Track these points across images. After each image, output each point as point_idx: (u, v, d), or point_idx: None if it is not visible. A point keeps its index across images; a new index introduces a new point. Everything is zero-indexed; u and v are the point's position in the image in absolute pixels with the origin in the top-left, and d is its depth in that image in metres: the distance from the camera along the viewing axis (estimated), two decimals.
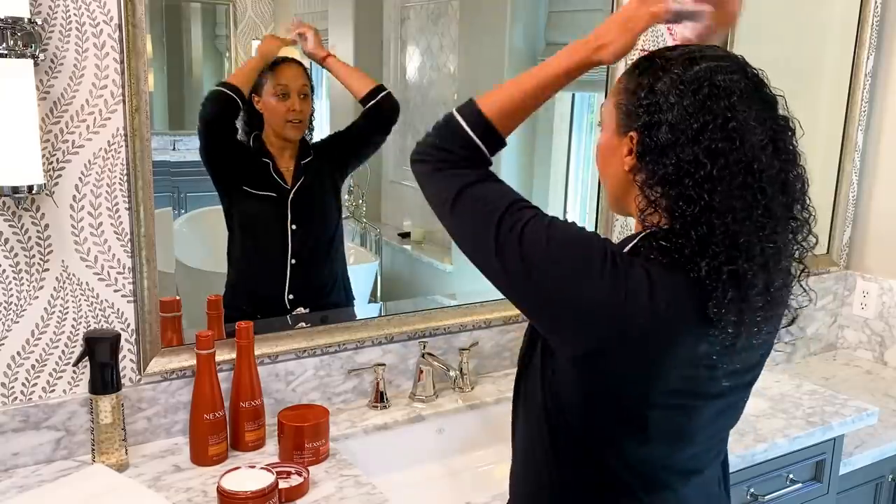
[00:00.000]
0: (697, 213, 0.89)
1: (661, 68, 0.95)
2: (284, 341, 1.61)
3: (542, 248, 0.93)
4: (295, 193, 1.70)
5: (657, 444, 0.98)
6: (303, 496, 1.33)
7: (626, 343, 0.91)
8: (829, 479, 1.83)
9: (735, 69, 0.93)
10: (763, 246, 0.90)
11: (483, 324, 1.87)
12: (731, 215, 0.88)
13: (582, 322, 0.92)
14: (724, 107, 0.90)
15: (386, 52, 1.96)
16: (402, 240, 2.09)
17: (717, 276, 0.89)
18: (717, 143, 0.89)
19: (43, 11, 1.28)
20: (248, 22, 1.67)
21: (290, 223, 1.70)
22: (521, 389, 1.08)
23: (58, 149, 1.34)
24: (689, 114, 0.90)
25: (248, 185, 1.68)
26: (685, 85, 0.92)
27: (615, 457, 0.99)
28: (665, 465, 1.01)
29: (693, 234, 0.89)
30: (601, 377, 0.95)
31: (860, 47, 2.39)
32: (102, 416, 1.36)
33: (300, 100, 1.67)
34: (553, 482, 1.03)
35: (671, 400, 0.96)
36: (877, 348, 2.49)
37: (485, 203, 0.99)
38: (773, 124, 0.93)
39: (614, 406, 0.96)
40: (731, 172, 0.88)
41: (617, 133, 1.00)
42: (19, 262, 1.34)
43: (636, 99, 0.96)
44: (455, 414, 1.72)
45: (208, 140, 1.60)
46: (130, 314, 1.45)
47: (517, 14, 2.07)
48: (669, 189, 0.91)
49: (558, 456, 1.01)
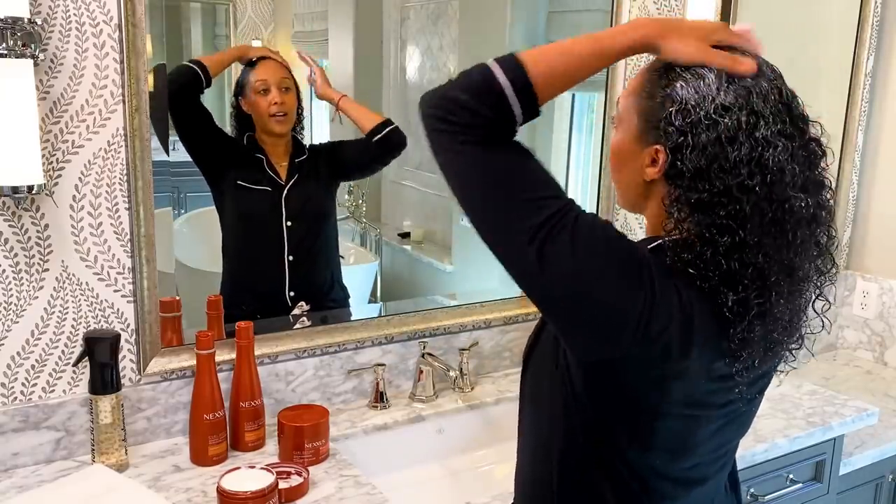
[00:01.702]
0: (729, 245, 0.87)
1: (692, 84, 0.90)
2: (284, 341, 1.61)
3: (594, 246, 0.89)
4: (289, 190, 1.70)
5: (659, 453, 0.98)
6: (303, 496, 1.33)
7: (647, 355, 0.89)
8: (829, 479, 1.83)
9: (770, 89, 0.90)
10: (791, 284, 0.90)
11: (483, 324, 1.87)
12: (762, 252, 0.87)
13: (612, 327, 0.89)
14: (760, 138, 0.87)
15: (386, 52, 1.95)
16: (402, 240, 2.09)
17: (743, 311, 0.88)
18: (752, 179, 0.86)
19: (43, 11, 1.28)
20: (248, 22, 1.67)
21: (285, 219, 1.70)
22: (530, 388, 1.07)
23: (58, 149, 1.34)
24: (724, 142, 0.87)
25: (242, 179, 1.68)
26: (723, 111, 0.87)
27: (620, 462, 0.98)
28: (664, 475, 1.00)
29: (723, 264, 0.87)
30: (614, 383, 0.93)
31: (860, 47, 2.39)
32: (102, 417, 1.36)
33: (281, 93, 1.66)
34: (562, 483, 1.02)
35: (679, 411, 0.95)
36: (877, 348, 2.49)
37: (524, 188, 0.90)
38: (804, 151, 0.90)
39: (622, 412, 0.95)
40: (762, 210, 0.87)
41: (638, 141, 0.96)
42: (19, 262, 1.34)
43: (663, 113, 0.91)
44: (455, 414, 1.72)
45: (175, 117, 1.56)
46: (130, 314, 1.45)
47: (517, 14, 2.06)
48: (699, 215, 0.88)
49: (567, 458, 1.00)
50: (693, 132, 0.88)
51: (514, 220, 0.88)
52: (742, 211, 0.86)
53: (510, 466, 1.13)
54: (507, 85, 0.89)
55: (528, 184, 0.90)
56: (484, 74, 0.90)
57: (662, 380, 0.91)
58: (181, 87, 1.56)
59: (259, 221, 1.72)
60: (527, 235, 0.86)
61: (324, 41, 1.81)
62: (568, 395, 0.97)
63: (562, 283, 0.87)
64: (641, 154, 0.95)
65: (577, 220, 0.88)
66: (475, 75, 0.90)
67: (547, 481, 1.04)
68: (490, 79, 0.89)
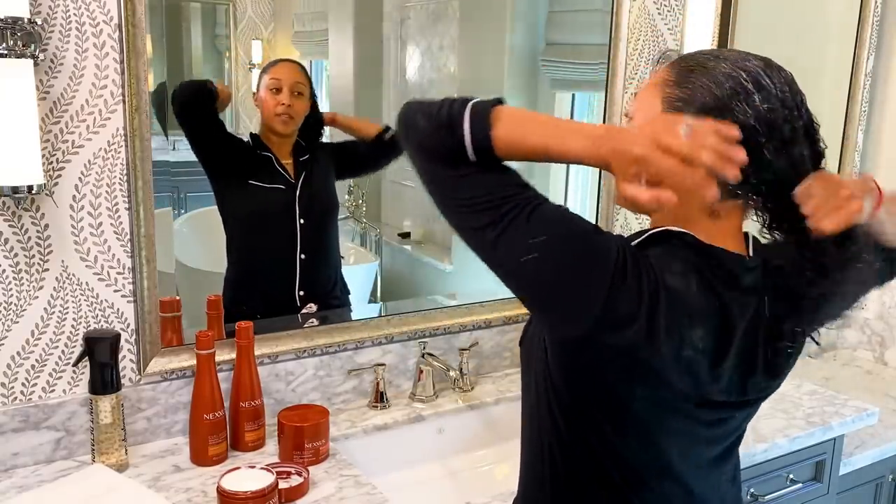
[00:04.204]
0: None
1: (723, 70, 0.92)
2: (284, 341, 1.61)
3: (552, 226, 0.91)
4: (301, 187, 1.71)
5: (632, 439, 0.97)
6: (303, 496, 1.33)
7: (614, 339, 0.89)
8: (829, 479, 1.83)
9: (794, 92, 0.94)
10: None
11: (483, 324, 1.87)
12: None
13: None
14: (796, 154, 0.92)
15: (386, 52, 1.95)
16: (402, 240, 2.09)
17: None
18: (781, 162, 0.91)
19: (43, 11, 1.28)
20: (248, 22, 1.68)
21: (298, 217, 1.71)
22: (524, 374, 1.08)
23: (58, 149, 1.34)
24: (757, 127, 0.90)
25: (254, 179, 1.68)
26: (758, 96, 0.90)
27: (599, 449, 0.98)
28: (640, 463, 0.99)
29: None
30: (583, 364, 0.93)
31: (860, 47, 2.39)
32: (102, 416, 1.36)
33: (292, 96, 1.67)
34: (554, 475, 1.02)
35: (649, 396, 0.94)
36: (877, 348, 2.49)
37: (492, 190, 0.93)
38: (815, 152, 0.96)
39: (595, 397, 0.95)
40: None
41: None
42: (19, 262, 1.34)
43: (693, 96, 0.92)
44: (455, 414, 1.72)
45: (188, 125, 1.58)
46: (130, 314, 1.45)
47: (517, 14, 2.06)
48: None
49: (556, 448, 1.01)
50: (733, 108, 0.90)
51: (473, 220, 0.91)
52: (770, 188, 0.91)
53: (510, 466, 1.13)
54: (469, 140, 0.91)
55: (489, 185, 0.92)
56: (452, 118, 0.92)
57: (633, 365, 0.90)
58: (192, 96, 1.59)
59: (273, 220, 1.73)
60: (491, 229, 0.89)
61: (324, 41, 1.81)
62: (548, 380, 0.97)
63: (518, 262, 0.89)
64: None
65: (538, 206, 0.90)
66: (443, 114, 0.92)
67: (539, 467, 1.04)
68: (455, 125, 0.91)
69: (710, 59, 0.94)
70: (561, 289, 0.89)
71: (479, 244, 0.93)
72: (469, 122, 0.91)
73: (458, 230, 0.95)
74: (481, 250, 0.93)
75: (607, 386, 0.93)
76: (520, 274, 0.90)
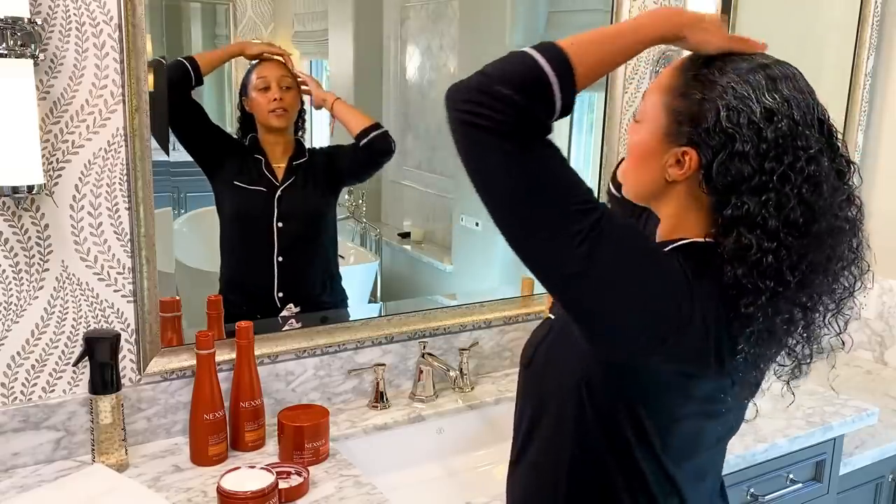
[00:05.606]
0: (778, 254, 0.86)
1: (731, 88, 0.88)
2: (284, 341, 1.61)
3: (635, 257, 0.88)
4: (283, 191, 1.71)
5: (674, 451, 0.98)
6: (303, 496, 1.33)
7: (674, 362, 0.90)
8: (829, 479, 1.83)
9: (806, 95, 0.91)
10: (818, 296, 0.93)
11: (483, 324, 1.87)
12: (805, 263, 0.87)
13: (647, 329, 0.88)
14: (809, 163, 0.87)
15: (386, 52, 1.96)
16: (402, 240, 2.09)
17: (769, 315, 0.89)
18: (794, 190, 0.86)
19: (43, 11, 1.28)
20: (248, 22, 1.68)
21: (276, 220, 1.71)
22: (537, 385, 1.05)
23: (58, 149, 1.34)
24: (766, 154, 0.85)
25: (238, 178, 1.69)
26: (766, 121, 0.86)
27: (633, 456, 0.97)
28: (676, 471, 1.00)
29: (761, 284, 0.86)
30: (635, 381, 0.93)
31: (860, 47, 2.39)
32: (102, 416, 1.36)
33: (281, 90, 1.68)
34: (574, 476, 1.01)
35: (696, 410, 0.96)
36: (877, 348, 2.48)
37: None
38: (835, 165, 0.91)
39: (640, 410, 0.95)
40: (807, 224, 0.86)
41: (664, 139, 0.93)
42: (19, 263, 1.34)
43: (699, 114, 0.88)
44: (455, 414, 1.72)
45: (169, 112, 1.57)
46: (130, 314, 1.45)
47: (517, 14, 2.06)
48: (742, 227, 0.87)
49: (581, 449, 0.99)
50: (732, 140, 0.86)
51: (561, 224, 0.83)
52: (785, 224, 0.85)
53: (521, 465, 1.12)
54: (554, 77, 0.83)
55: (571, 186, 0.85)
56: (528, 65, 0.82)
57: (686, 383, 0.92)
58: (169, 81, 1.57)
59: (250, 221, 1.73)
60: (575, 239, 0.82)
61: (324, 41, 1.81)
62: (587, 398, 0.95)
63: (604, 288, 0.84)
64: (666, 153, 0.92)
65: (618, 225, 0.86)
66: (517, 66, 0.83)
67: (553, 473, 1.03)
68: (537, 70, 0.82)
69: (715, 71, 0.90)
70: (635, 315, 0.86)
71: (562, 257, 0.84)
72: (545, 59, 0.83)
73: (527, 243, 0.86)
74: (563, 270, 0.84)
75: (659, 401, 0.94)
76: (602, 294, 0.85)
